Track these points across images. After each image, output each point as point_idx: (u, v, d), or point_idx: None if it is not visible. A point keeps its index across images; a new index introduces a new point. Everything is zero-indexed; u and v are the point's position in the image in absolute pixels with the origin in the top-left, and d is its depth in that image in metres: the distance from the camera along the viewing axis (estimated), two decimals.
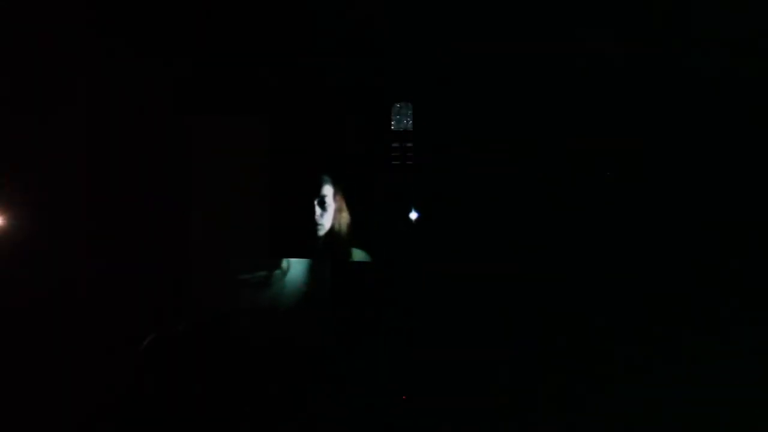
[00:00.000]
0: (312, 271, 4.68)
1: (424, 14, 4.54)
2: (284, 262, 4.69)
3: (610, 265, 4.37)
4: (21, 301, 3.68)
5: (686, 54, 4.34)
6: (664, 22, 4.30)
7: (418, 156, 4.67)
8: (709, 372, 3.92)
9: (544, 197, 4.49)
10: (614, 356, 4.18)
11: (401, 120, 4.68)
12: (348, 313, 4.47)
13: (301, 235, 4.66)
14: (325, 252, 4.69)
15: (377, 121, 4.66)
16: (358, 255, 4.66)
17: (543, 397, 4.05)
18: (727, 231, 4.29)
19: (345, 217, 4.66)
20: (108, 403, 3.40)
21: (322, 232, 4.68)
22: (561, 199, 4.48)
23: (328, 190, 4.67)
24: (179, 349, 3.38)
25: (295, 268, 4.70)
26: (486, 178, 4.56)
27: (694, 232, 4.33)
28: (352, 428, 3.91)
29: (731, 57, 4.27)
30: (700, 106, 4.35)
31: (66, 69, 4.45)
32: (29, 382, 3.41)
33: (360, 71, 4.61)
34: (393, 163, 4.66)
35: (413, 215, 4.66)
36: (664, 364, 4.06)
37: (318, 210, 4.67)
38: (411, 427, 4.02)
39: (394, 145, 4.67)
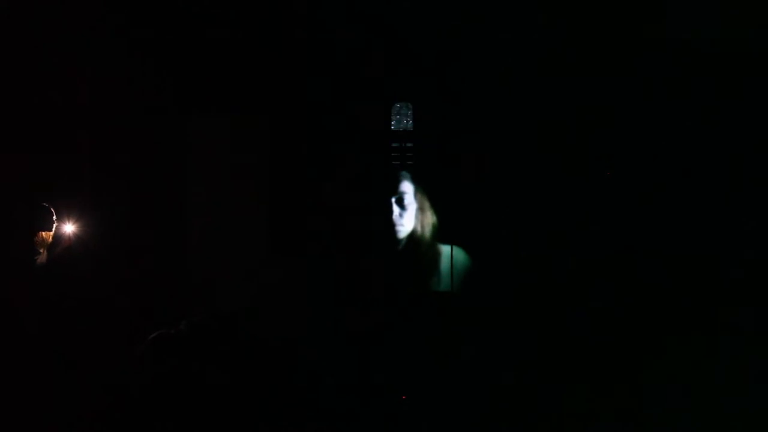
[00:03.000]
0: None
1: (424, 14, 4.55)
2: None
3: (612, 265, 4.37)
4: (21, 302, 3.66)
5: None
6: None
7: (418, 156, 4.66)
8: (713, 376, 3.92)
9: (544, 197, 4.49)
10: (616, 358, 4.17)
11: (401, 120, 4.67)
12: (358, 314, 4.37)
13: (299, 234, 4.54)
14: (409, 254, 4.35)
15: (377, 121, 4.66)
16: (451, 252, 4.37)
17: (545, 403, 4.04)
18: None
19: (429, 217, 4.39)
20: (108, 403, 3.38)
21: (402, 234, 4.40)
22: (562, 199, 4.48)
23: (407, 187, 4.42)
24: (181, 349, 3.36)
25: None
26: (486, 178, 4.56)
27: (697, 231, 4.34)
28: (353, 428, 3.90)
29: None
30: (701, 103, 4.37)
31: (65, 69, 4.44)
32: (29, 382, 3.40)
33: (360, 71, 4.61)
34: (393, 163, 4.65)
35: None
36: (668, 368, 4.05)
37: (396, 209, 4.40)
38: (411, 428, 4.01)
39: (394, 145, 4.67)
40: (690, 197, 4.38)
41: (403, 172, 4.48)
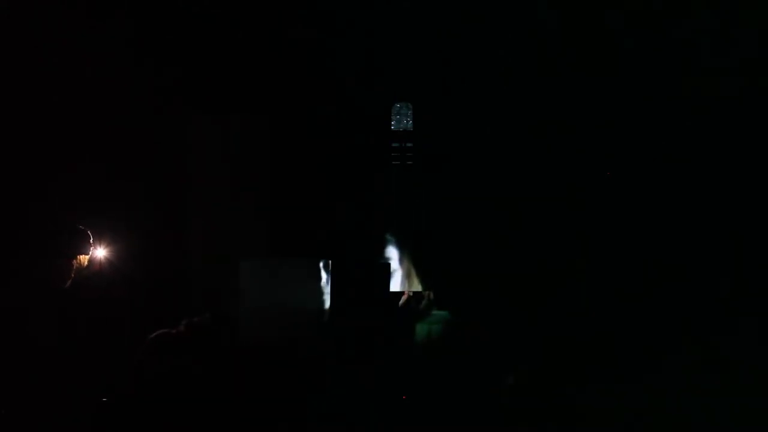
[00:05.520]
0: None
1: (424, 14, 4.55)
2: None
3: (612, 265, 4.37)
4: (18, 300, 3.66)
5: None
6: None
7: (418, 156, 4.67)
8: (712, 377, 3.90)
9: (544, 196, 4.50)
10: (616, 360, 4.16)
11: (401, 120, 4.68)
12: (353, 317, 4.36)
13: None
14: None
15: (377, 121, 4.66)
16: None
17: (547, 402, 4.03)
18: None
19: (415, 285, 4.32)
20: (108, 403, 3.38)
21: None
22: (561, 199, 4.49)
23: (393, 253, 4.35)
24: (181, 349, 3.37)
25: None
26: (486, 178, 4.56)
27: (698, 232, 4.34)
28: (353, 428, 3.90)
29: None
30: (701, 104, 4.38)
31: (64, 70, 4.44)
32: (29, 382, 3.40)
33: (360, 70, 4.61)
34: (393, 163, 4.66)
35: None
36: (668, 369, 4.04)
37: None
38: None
39: (394, 145, 4.67)
40: (690, 197, 4.39)
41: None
